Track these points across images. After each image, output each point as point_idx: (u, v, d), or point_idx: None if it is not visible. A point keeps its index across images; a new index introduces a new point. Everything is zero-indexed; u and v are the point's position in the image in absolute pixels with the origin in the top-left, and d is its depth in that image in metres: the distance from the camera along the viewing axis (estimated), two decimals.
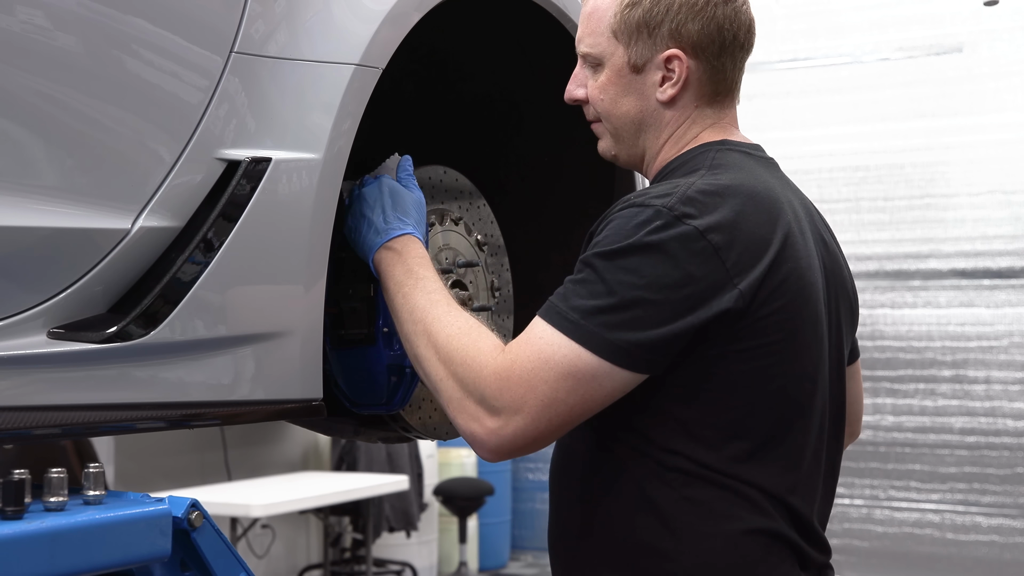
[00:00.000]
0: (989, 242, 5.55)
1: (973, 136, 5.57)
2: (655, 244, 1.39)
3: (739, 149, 1.55)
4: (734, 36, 1.54)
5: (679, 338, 1.39)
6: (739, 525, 1.42)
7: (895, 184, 5.71)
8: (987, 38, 5.55)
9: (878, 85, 5.72)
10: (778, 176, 1.57)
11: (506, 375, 1.40)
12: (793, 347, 1.45)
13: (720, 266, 1.39)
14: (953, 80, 5.59)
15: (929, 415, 5.61)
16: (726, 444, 1.43)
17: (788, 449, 1.46)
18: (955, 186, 5.63)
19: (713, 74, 1.54)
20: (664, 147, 1.57)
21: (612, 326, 1.38)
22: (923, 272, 5.68)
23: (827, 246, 1.57)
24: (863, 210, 5.73)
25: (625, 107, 1.56)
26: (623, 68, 1.55)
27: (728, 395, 1.43)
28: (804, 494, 1.48)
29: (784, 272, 1.43)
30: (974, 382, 5.56)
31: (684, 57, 1.52)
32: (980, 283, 5.57)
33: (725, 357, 1.42)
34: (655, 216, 1.40)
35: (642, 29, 1.53)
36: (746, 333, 1.41)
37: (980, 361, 5.55)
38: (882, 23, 5.74)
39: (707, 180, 1.46)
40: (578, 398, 1.39)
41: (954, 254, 5.63)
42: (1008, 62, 5.52)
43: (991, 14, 5.50)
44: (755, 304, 1.41)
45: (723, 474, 1.42)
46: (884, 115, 5.71)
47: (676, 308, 1.38)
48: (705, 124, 1.56)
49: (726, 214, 1.41)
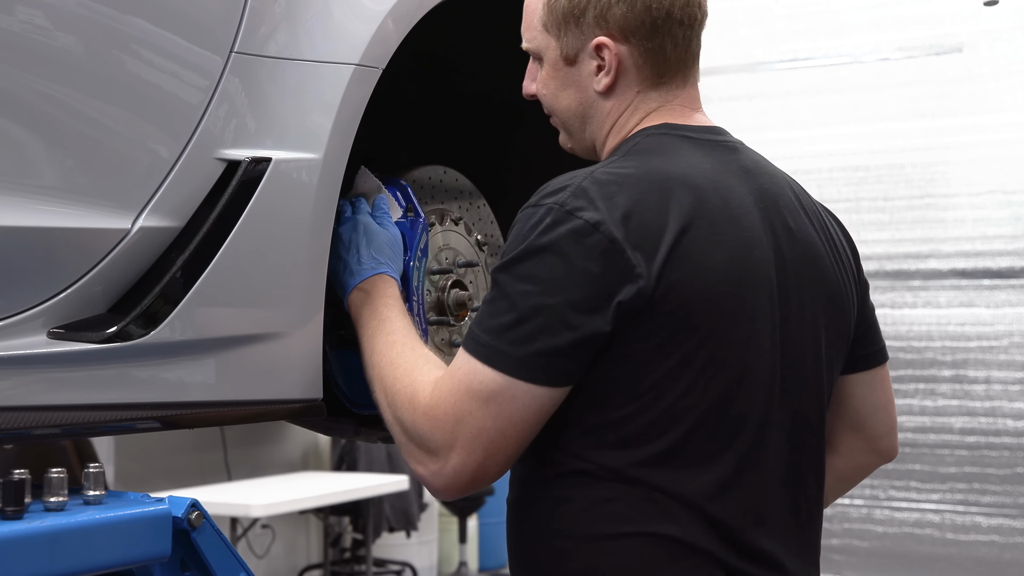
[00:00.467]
0: (989, 242, 5.55)
1: (973, 136, 5.56)
2: (547, 245, 1.33)
3: (678, 133, 1.46)
4: (667, 13, 1.45)
5: (589, 340, 1.32)
6: (641, 528, 1.35)
7: (895, 184, 5.71)
8: (987, 38, 5.54)
9: (878, 85, 5.72)
10: (727, 160, 1.46)
11: (433, 413, 1.37)
12: (708, 346, 1.35)
13: (618, 258, 1.31)
14: (953, 80, 5.58)
15: (929, 415, 5.60)
16: (633, 448, 1.35)
17: (705, 455, 1.37)
18: (955, 186, 5.62)
19: (650, 57, 1.46)
20: (608, 137, 1.51)
21: (519, 341, 1.32)
22: (923, 272, 5.67)
23: (795, 237, 1.46)
24: (863, 210, 5.72)
25: (566, 100, 1.52)
26: (558, 61, 1.50)
27: (634, 398, 1.35)
28: (736, 504, 1.37)
29: (691, 263, 1.34)
30: (974, 382, 5.56)
31: (612, 44, 1.45)
32: (980, 283, 5.56)
33: (630, 357, 1.34)
34: (546, 215, 1.34)
35: (569, 19, 1.47)
36: (650, 329, 1.33)
37: (980, 361, 5.54)
38: (882, 23, 5.73)
39: (609, 169, 1.39)
40: (506, 422, 1.34)
41: (954, 254, 5.62)
42: (1008, 62, 5.51)
43: (991, 14, 5.49)
44: (658, 296, 1.32)
45: (629, 479, 1.35)
46: (884, 115, 5.70)
47: (579, 309, 1.31)
48: (649, 109, 1.49)
49: (621, 203, 1.34)
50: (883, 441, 1.63)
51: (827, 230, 1.54)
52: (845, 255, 1.56)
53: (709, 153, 1.46)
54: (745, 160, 1.49)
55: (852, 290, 1.55)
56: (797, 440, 1.45)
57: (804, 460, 1.47)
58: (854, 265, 1.57)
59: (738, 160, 1.48)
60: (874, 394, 1.61)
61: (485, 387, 1.34)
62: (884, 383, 1.62)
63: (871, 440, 1.63)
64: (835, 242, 1.54)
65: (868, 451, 1.64)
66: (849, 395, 1.61)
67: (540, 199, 1.37)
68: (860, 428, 1.62)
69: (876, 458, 1.65)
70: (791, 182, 1.54)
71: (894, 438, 1.65)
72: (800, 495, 1.46)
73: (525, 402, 1.34)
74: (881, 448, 1.64)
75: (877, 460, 1.65)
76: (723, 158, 1.46)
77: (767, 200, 1.46)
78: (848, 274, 1.55)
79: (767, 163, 1.53)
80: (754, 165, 1.50)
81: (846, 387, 1.60)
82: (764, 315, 1.40)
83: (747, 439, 1.39)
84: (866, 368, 1.60)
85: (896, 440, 1.65)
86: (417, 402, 1.39)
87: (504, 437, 1.35)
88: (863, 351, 1.59)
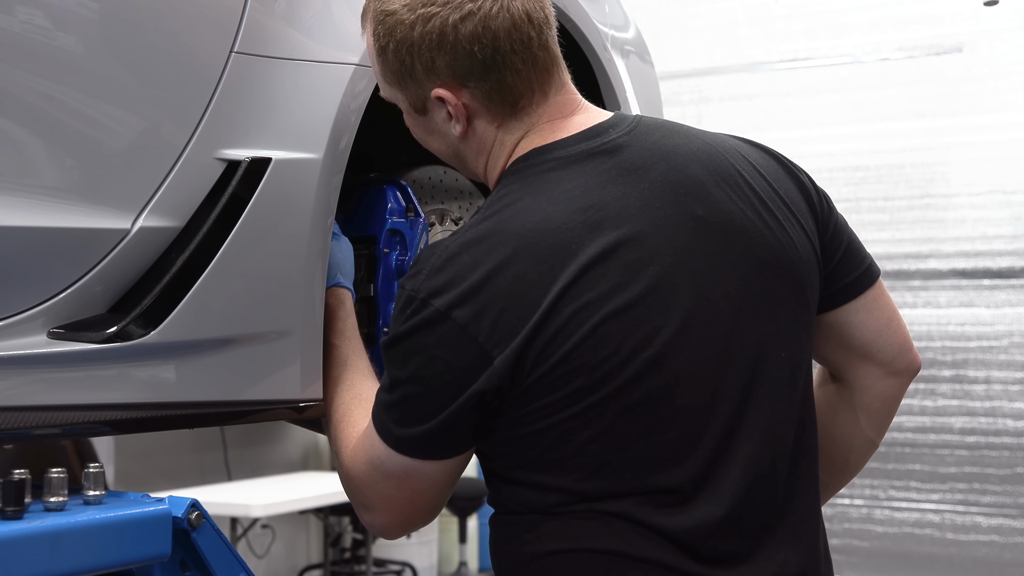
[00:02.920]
0: (989, 242, 5.54)
1: (973, 136, 5.56)
2: (406, 335, 1.32)
3: (545, 160, 1.37)
4: (493, 49, 1.35)
5: (457, 421, 1.31)
6: (586, 544, 1.32)
7: (895, 184, 5.70)
8: (987, 38, 5.54)
9: (878, 85, 5.72)
10: (605, 168, 1.36)
11: (351, 475, 1.43)
12: (617, 383, 1.29)
13: (471, 343, 1.28)
14: (953, 80, 5.58)
15: (929, 415, 5.60)
16: (570, 476, 1.32)
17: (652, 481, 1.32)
18: (955, 186, 5.62)
19: (494, 93, 1.38)
20: (487, 170, 1.46)
21: (399, 422, 1.34)
22: (923, 272, 5.67)
23: (705, 223, 1.35)
24: (863, 210, 5.72)
25: (435, 145, 1.48)
26: (410, 111, 1.45)
27: (554, 447, 1.32)
28: (690, 517, 1.32)
29: (569, 319, 1.28)
30: (974, 382, 5.55)
31: (451, 95, 1.39)
32: (980, 283, 5.56)
33: (535, 418, 1.31)
34: (406, 304, 1.32)
35: (401, 73, 1.41)
36: (541, 391, 1.29)
37: (980, 361, 5.54)
38: (882, 23, 5.73)
39: (469, 234, 1.33)
40: (411, 492, 1.38)
41: (954, 254, 5.62)
42: (1008, 62, 5.51)
43: (991, 14, 5.49)
44: (528, 366, 1.28)
45: (573, 499, 1.33)
46: (884, 115, 5.70)
47: (440, 398, 1.31)
48: (515, 139, 1.41)
49: (479, 276, 1.29)
50: (898, 361, 1.54)
51: (752, 189, 1.41)
52: (792, 199, 1.45)
53: (582, 171, 1.36)
54: (631, 156, 1.38)
55: (805, 233, 1.44)
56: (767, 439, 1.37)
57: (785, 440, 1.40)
58: (804, 203, 1.46)
59: (619, 162, 1.37)
60: (871, 317, 1.51)
61: (384, 462, 1.37)
62: (879, 302, 1.52)
63: (884, 364, 1.53)
64: (772, 194, 1.42)
65: (886, 375, 1.54)
66: (847, 324, 1.51)
67: (405, 279, 1.35)
68: (869, 355, 1.53)
69: (897, 380, 1.55)
70: (700, 148, 1.41)
71: (910, 353, 1.55)
72: (777, 487, 1.39)
73: (423, 474, 1.37)
74: (898, 368, 1.54)
75: (900, 382, 1.55)
76: (599, 168, 1.36)
77: (662, 195, 1.35)
78: (794, 220, 1.43)
79: (666, 141, 1.41)
80: (642, 158, 1.38)
81: (842, 318, 1.51)
82: (683, 322, 1.32)
83: (705, 447, 1.33)
84: (855, 295, 1.50)
85: (914, 354, 1.55)
86: (340, 461, 1.47)
87: (413, 503, 1.40)
88: (845, 279, 1.49)
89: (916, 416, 5.64)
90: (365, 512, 1.45)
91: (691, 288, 1.33)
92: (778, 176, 1.45)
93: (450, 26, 1.35)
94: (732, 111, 5.85)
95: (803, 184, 1.47)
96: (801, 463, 1.42)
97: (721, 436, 1.34)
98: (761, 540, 1.37)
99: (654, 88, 2.29)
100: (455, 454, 1.36)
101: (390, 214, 1.71)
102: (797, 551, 1.39)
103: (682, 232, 1.34)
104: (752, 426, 1.36)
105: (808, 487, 1.43)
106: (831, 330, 1.51)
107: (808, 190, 1.48)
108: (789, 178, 1.46)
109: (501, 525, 1.40)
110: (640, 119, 1.44)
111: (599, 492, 1.32)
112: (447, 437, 1.34)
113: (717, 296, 1.35)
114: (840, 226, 1.50)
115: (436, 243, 1.36)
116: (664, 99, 2.37)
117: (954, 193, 5.65)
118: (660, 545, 1.32)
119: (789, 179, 1.46)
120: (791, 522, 1.40)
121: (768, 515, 1.38)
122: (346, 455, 1.45)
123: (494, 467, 1.39)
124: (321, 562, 6.20)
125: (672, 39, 5.84)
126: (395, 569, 6.25)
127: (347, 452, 1.46)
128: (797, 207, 1.44)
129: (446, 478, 1.38)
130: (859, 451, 1.60)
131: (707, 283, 1.34)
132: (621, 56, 2.14)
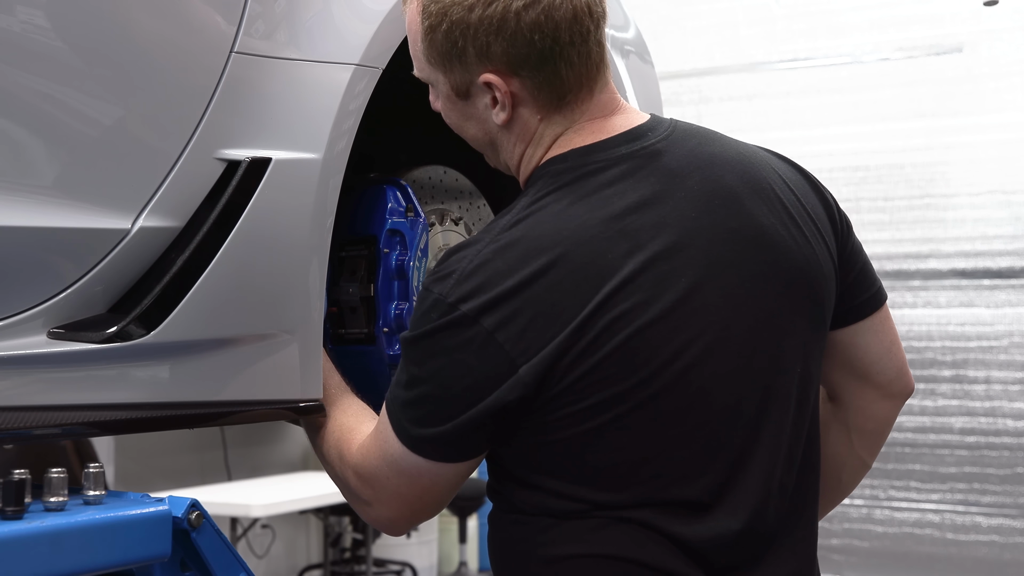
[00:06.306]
0: (989, 242, 5.54)
1: (973, 136, 5.56)
2: (430, 334, 1.31)
3: (584, 164, 1.36)
4: (553, 40, 1.33)
5: (474, 426, 1.31)
6: (602, 551, 1.32)
7: (895, 184, 5.70)
8: (987, 38, 5.54)
9: (878, 85, 5.72)
10: (646, 173, 1.36)
11: (360, 473, 1.44)
12: (646, 393, 1.30)
13: (497, 350, 1.27)
14: (953, 80, 5.58)
15: (929, 415, 5.60)
16: (591, 485, 1.33)
17: (673, 491, 1.33)
18: (955, 186, 5.62)
19: (544, 84, 1.36)
20: (522, 163, 1.43)
21: (416, 421, 1.34)
22: (923, 272, 5.67)
23: (738, 236, 1.36)
24: (863, 210, 5.72)
25: (471, 131, 1.45)
26: (451, 95, 1.42)
27: (577, 456, 1.32)
28: (709, 521, 1.33)
29: (613, 317, 1.28)
30: (974, 382, 5.55)
31: (501, 81, 1.36)
32: (980, 283, 5.56)
33: (549, 427, 1.31)
34: (432, 306, 1.31)
35: (450, 55, 1.37)
36: (559, 403, 1.29)
37: (980, 361, 5.54)
38: (882, 23, 5.73)
39: (503, 239, 1.31)
40: (420, 489, 1.39)
41: (954, 254, 5.62)
42: (1008, 62, 5.51)
43: (991, 14, 5.49)
44: (557, 377, 1.27)
45: (587, 507, 1.33)
46: (884, 115, 5.70)
47: (459, 402, 1.30)
48: (556, 134, 1.40)
49: (512, 283, 1.28)
50: (895, 384, 1.56)
51: (783, 203, 1.42)
52: (818, 216, 1.46)
53: (619, 176, 1.36)
54: (668, 163, 1.38)
55: (828, 251, 1.45)
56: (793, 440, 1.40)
57: (793, 455, 1.41)
58: (828, 221, 1.47)
59: (656, 168, 1.37)
60: (876, 339, 1.53)
61: (397, 458, 1.37)
62: (884, 326, 1.53)
63: (882, 387, 1.55)
64: (801, 210, 1.44)
65: (881, 398, 1.57)
66: (852, 344, 1.53)
67: (432, 282, 1.33)
68: (868, 376, 1.54)
69: (891, 403, 1.57)
70: (735, 158, 1.42)
71: (906, 378, 1.57)
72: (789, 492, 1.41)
73: (435, 474, 1.37)
74: (894, 391, 1.56)
75: (894, 404, 1.57)
76: (637, 175, 1.36)
77: (697, 204, 1.36)
78: (820, 237, 1.44)
79: (702, 148, 1.41)
80: (680, 165, 1.38)
81: (848, 337, 1.52)
82: (712, 335, 1.33)
83: (724, 460, 1.34)
84: (863, 316, 1.51)
85: (909, 378, 1.57)
86: (346, 459, 1.47)
87: (422, 500, 1.41)
88: (856, 299, 1.51)
89: (916, 416, 5.63)
90: (368, 507, 1.45)
91: (721, 301, 1.34)
92: (806, 192, 1.46)
93: (512, 12, 1.33)
94: (732, 111, 5.85)
95: (828, 203, 1.49)
96: (807, 478, 1.44)
97: (740, 449, 1.35)
98: (768, 553, 1.38)
99: (654, 88, 2.29)
100: (469, 458, 1.36)
101: (390, 214, 1.71)
102: (797, 564, 1.42)
103: (715, 244, 1.35)
104: (768, 440, 1.37)
105: (811, 502, 1.46)
106: (835, 349, 1.52)
107: (832, 209, 1.49)
108: (816, 195, 1.48)
109: (511, 524, 1.40)
110: (676, 123, 1.45)
111: (619, 501, 1.33)
112: (462, 441, 1.34)
113: (745, 310, 1.35)
114: (856, 249, 1.52)
115: (464, 245, 1.34)
116: (664, 99, 2.37)
117: (954, 193, 5.65)
118: (676, 555, 1.33)
119: (816, 196, 1.48)
120: (796, 536, 1.42)
121: (777, 528, 1.39)
122: (354, 450, 1.46)
123: (511, 470, 1.38)
124: (321, 562, 6.20)
125: (672, 39, 5.84)
126: (395, 569, 6.25)
127: (355, 448, 1.46)
128: (822, 224, 1.45)
129: (457, 479, 1.39)
130: (851, 471, 1.63)
131: (736, 296, 1.35)
132: (621, 56, 2.14)
